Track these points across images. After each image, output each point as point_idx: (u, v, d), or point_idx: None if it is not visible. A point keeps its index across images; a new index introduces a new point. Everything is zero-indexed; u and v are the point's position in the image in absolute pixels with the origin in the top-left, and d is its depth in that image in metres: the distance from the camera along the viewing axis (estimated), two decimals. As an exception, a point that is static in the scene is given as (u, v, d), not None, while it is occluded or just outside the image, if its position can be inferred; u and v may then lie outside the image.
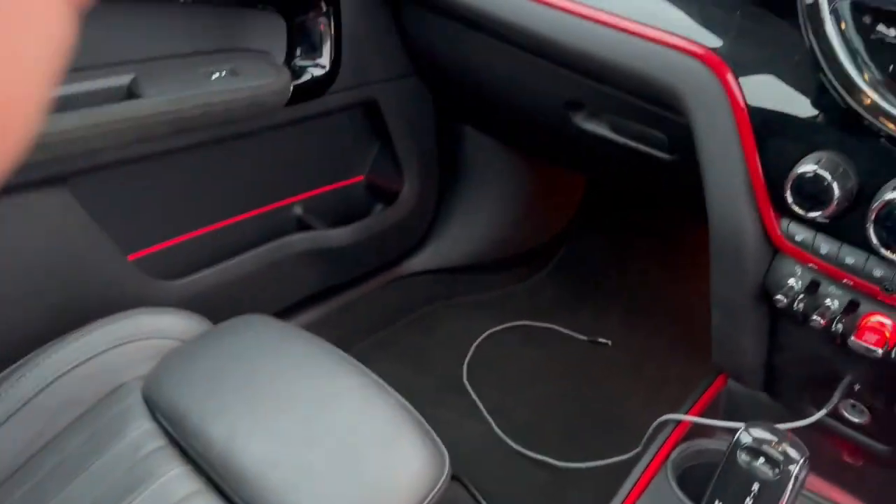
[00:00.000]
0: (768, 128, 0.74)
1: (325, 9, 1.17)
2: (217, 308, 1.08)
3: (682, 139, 0.89)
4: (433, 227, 1.62)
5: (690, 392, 1.07)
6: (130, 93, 1.00)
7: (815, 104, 0.71)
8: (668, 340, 1.59)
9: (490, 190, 1.62)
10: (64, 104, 0.90)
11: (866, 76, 0.65)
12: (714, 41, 0.78)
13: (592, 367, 1.55)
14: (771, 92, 0.74)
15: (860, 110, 0.65)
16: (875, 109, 0.64)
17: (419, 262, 1.61)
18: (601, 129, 1.10)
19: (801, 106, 0.72)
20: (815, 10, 0.65)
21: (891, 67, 0.64)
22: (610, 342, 1.60)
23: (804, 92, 0.72)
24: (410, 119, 1.42)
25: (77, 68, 0.97)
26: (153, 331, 0.92)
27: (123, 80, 1.01)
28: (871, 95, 0.64)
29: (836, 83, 0.66)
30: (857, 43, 0.65)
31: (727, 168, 0.79)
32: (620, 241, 1.87)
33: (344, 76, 1.24)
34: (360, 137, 1.44)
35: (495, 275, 1.72)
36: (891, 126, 0.64)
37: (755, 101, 0.74)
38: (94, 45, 1.00)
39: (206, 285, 1.20)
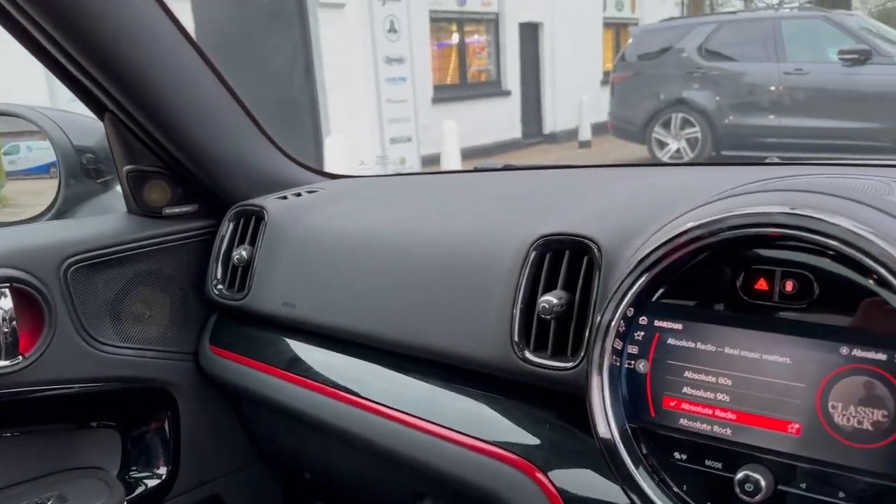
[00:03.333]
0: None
1: (165, 420, 1.17)
2: None
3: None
4: None
5: None
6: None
7: None
8: None
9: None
10: None
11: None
12: (531, 450, 0.85)
13: None
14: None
15: None
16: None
17: None
18: (449, 518, 1.11)
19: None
20: (610, 444, 0.73)
21: (684, 487, 0.71)
22: None
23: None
24: None
25: None
26: None
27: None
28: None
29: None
30: (652, 463, 0.72)
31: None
32: None
33: (183, 479, 1.20)
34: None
35: None
36: None
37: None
38: None
39: None
